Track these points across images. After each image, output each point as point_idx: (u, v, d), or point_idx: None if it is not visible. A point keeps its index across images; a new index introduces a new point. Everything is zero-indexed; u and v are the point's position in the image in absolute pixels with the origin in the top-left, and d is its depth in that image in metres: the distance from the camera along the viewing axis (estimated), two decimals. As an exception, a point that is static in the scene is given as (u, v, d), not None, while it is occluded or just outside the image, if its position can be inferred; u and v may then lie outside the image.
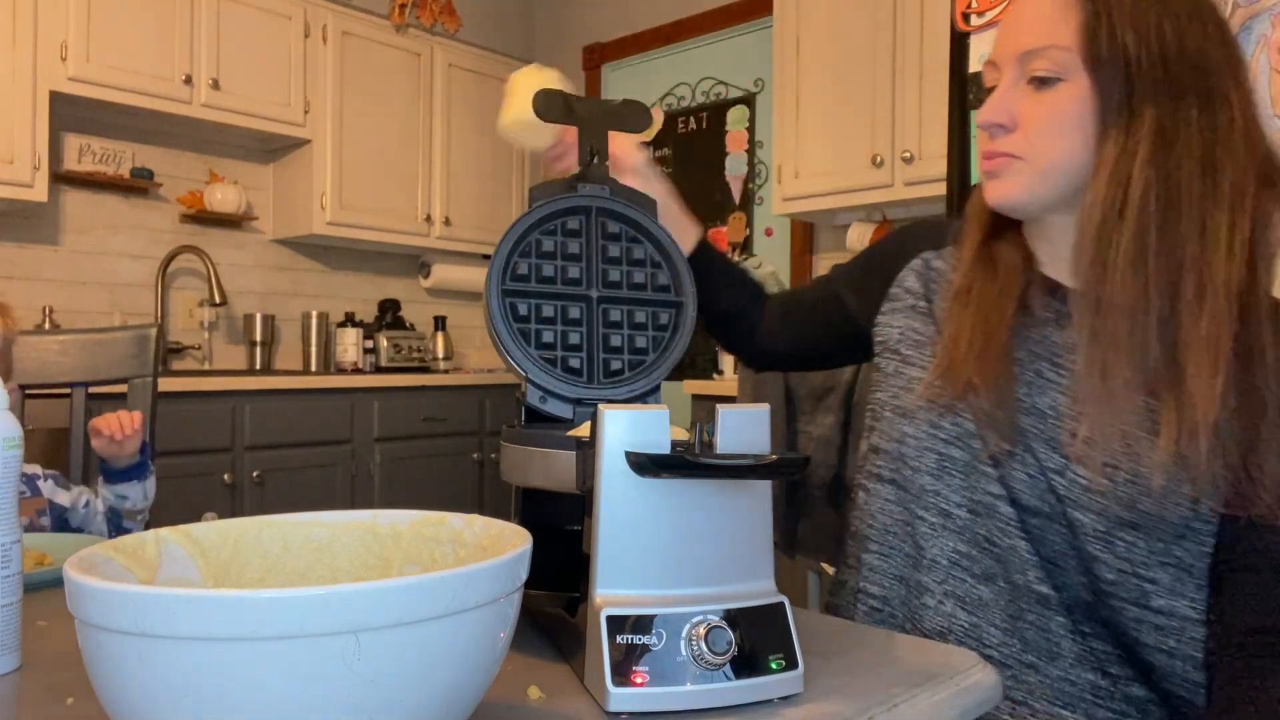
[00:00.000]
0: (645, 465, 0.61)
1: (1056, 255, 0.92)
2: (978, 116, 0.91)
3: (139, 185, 3.35)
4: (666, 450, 0.62)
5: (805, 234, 3.45)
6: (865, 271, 1.10)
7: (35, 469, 1.38)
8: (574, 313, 0.83)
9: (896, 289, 1.03)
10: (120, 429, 1.40)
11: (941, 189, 2.28)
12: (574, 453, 0.68)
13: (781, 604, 0.64)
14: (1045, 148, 0.87)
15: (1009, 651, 0.86)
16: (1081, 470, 0.82)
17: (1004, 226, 0.97)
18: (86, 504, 1.41)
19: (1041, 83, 0.86)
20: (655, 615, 0.61)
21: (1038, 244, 0.95)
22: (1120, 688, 0.86)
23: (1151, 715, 0.86)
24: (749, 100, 3.65)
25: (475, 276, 4.32)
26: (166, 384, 2.58)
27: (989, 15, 1.84)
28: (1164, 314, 0.80)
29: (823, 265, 3.39)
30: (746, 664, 0.61)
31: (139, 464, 1.44)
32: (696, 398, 3.05)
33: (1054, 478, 0.84)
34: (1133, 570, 0.83)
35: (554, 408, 0.80)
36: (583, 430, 0.69)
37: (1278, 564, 0.81)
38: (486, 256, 4.36)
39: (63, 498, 1.39)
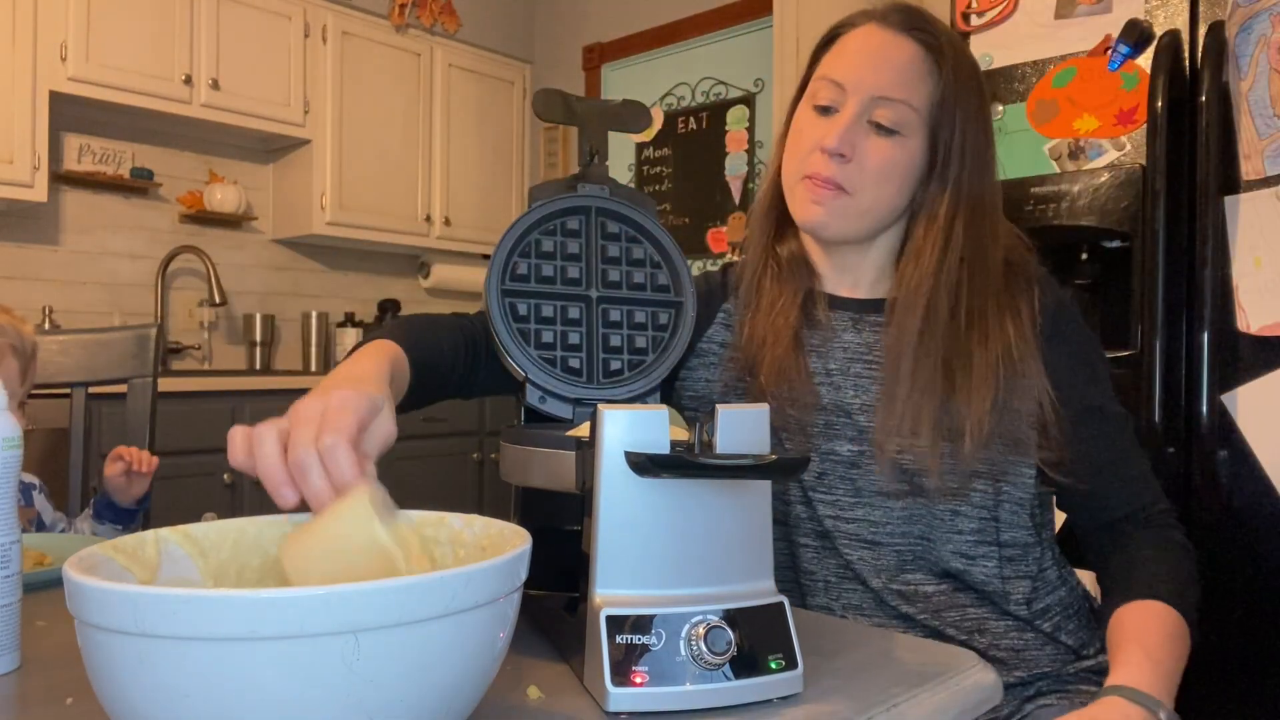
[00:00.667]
0: (645, 465, 0.61)
1: (840, 274, 1.05)
2: (823, 139, 0.96)
3: (139, 185, 3.35)
4: (666, 450, 0.63)
5: (805, 234, 3.45)
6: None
7: (33, 479, 1.38)
8: (573, 313, 0.83)
9: (706, 344, 1.07)
10: (140, 463, 1.40)
11: (941, 189, 2.28)
12: (574, 453, 0.68)
13: (781, 604, 0.64)
14: (873, 190, 0.96)
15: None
16: (918, 441, 0.93)
17: (787, 232, 1.07)
18: (60, 532, 1.41)
19: (882, 129, 0.96)
20: (655, 615, 0.61)
21: (824, 262, 1.06)
22: (1004, 630, 0.96)
23: (1041, 640, 0.97)
24: (749, 100, 3.65)
25: (475, 276, 4.32)
26: (166, 384, 2.58)
27: (989, 15, 1.84)
28: (969, 325, 0.96)
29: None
30: (746, 664, 0.61)
31: (133, 511, 1.44)
32: (696, 398, 3.05)
33: (901, 457, 0.94)
34: (990, 515, 0.95)
35: (554, 408, 0.80)
36: (582, 430, 0.69)
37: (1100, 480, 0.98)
38: (486, 256, 4.36)
39: (47, 515, 1.39)
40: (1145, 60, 1.63)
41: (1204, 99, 1.53)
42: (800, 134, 1.00)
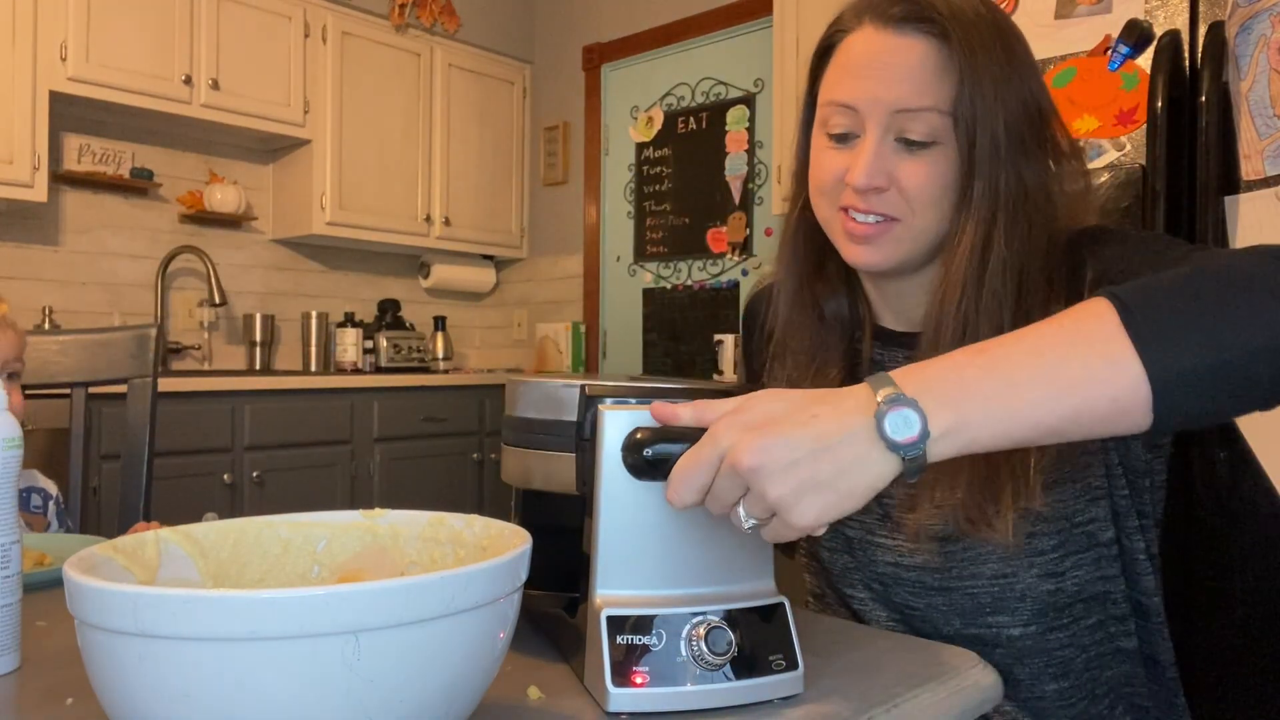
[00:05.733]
0: (642, 467, 0.61)
1: (894, 306, 0.93)
2: (849, 174, 0.85)
3: (139, 185, 3.35)
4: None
5: (805, 234, 3.45)
6: (748, 372, 1.09)
7: (53, 489, 1.36)
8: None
9: (768, 380, 1.03)
10: None
11: (941, 189, 2.28)
12: (574, 455, 0.68)
13: (781, 604, 0.64)
14: (924, 213, 0.84)
15: None
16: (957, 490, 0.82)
17: (827, 266, 0.95)
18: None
19: (913, 144, 0.83)
20: (655, 615, 0.61)
21: (877, 293, 0.94)
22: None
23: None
24: (749, 100, 3.65)
25: (475, 276, 4.32)
26: (166, 384, 2.58)
27: (989, 15, 1.84)
28: None
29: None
30: (746, 664, 0.61)
31: None
32: (696, 398, 3.04)
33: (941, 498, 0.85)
34: (1070, 520, 0.85)
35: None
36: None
37: None
38: (486, 257, 4.37)
39: (54, 528, 1.38)
40: (1145, 60, 1.63)
41: (1204, 99, 1.53)
42: (821, 168, 0.88)
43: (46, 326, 3.07)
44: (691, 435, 0.60)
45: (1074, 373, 0.57)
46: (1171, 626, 0.89)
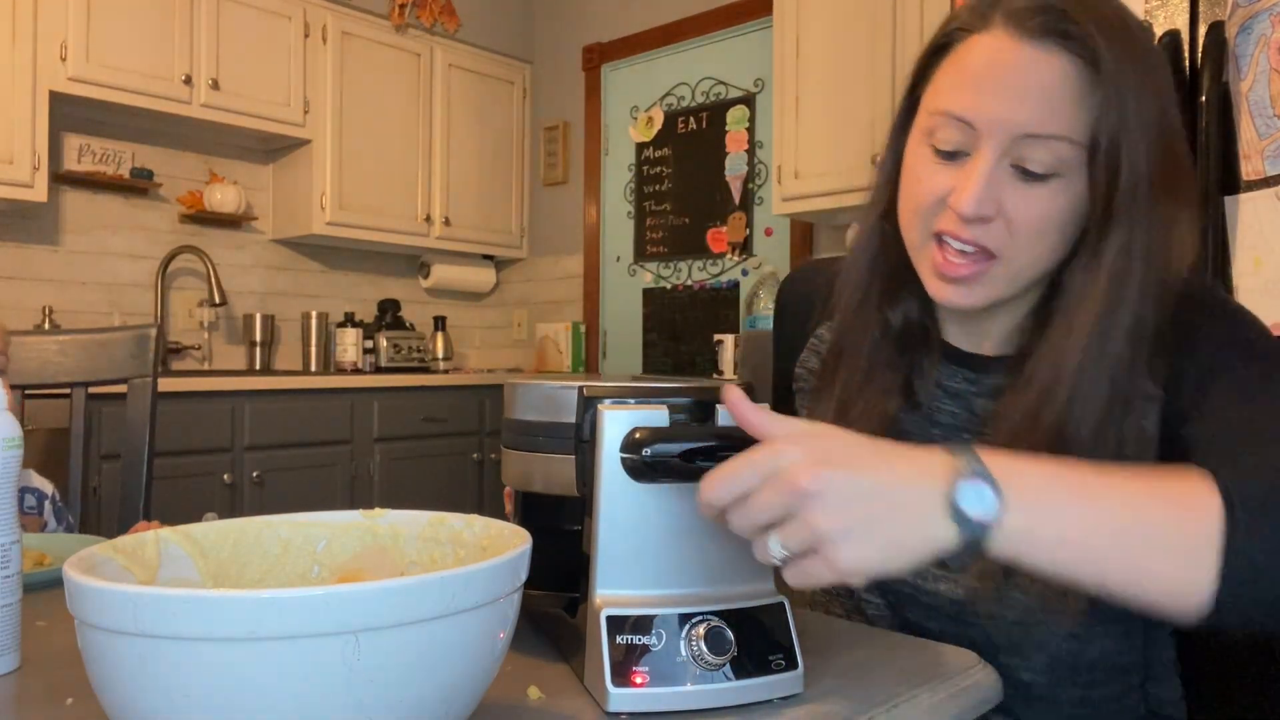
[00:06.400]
0: (641, 469, 0.61)
1: (968, 328, 0.87)
2: (954, 198, 0.75)
3: (139, 185, 3.35)
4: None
5: (805, 234, 3.45)
6: (780, 371, 1.05)
7: (48, 488, 1.36)
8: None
9: (801, 369, 0.97)
10: None
11: (941, 189, 2.28)
12: (574, 456, 0.68)
13: (781, 604, 0.64)
14: (1027, 250, 0.76)
15: None
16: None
17: (901, 291, 0.87)
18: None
19: (1031, 175, 0.74)
20: (655, 615, 0.61)
21: (951, 314, 0.87)
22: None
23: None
24: (749, 100, 3.65)
25: (475, 276, 4.32)
26: (166, 384, 2.58)
27: (989, 15, 1.83)
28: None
29: (822, 265, 3.37)
30: (746, 664, 0.61)
31: None
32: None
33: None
34: None
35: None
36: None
37: None
38: (486, 257, 4.37)
39: (51, 526, 1.38)
40: (1145, 60, 1.63)
41: (1204, 99, 1.53)
42: (919, 182, 0.79)
43: (46, 326, 3.07)
44: (694, 436, 0.60)
45: (1153, 552, 0.56)
46: (1174, 631, 0.87)
